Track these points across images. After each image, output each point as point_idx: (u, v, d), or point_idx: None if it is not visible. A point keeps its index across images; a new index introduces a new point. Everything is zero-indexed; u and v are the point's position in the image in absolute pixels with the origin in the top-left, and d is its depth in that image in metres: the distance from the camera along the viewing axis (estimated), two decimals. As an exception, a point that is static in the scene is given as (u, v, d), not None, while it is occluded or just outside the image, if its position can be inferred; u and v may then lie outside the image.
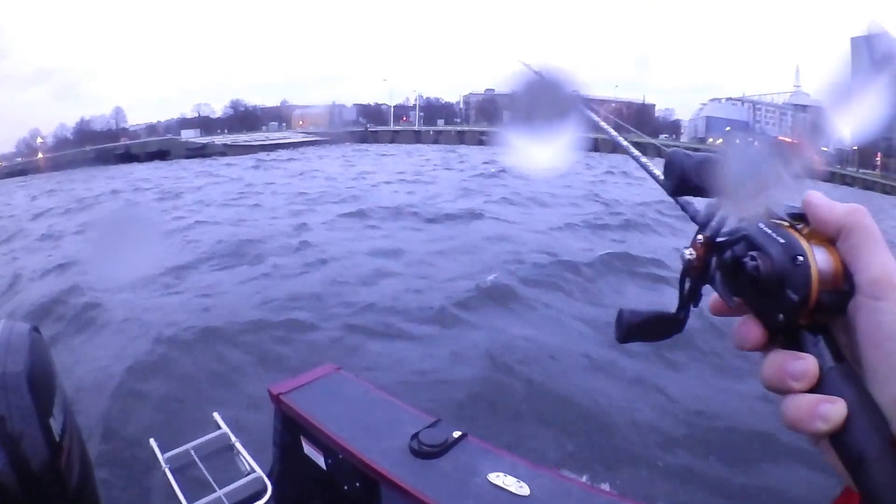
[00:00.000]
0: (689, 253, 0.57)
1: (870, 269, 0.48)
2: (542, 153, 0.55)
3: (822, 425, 0.45)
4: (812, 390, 0.48)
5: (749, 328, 0.53)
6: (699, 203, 0.61)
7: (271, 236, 11.33)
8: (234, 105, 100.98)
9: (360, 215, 13.70)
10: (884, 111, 0.45)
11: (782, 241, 0.50)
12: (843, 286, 0.49)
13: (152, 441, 2.40)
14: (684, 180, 0.54)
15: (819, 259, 0.49)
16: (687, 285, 0.59)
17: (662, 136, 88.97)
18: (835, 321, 0.51)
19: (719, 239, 0.56)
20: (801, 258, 0.49)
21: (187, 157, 42.86)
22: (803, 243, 0.50)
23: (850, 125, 0.46)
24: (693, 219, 0.63)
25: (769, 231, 0.52)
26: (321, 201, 16.31)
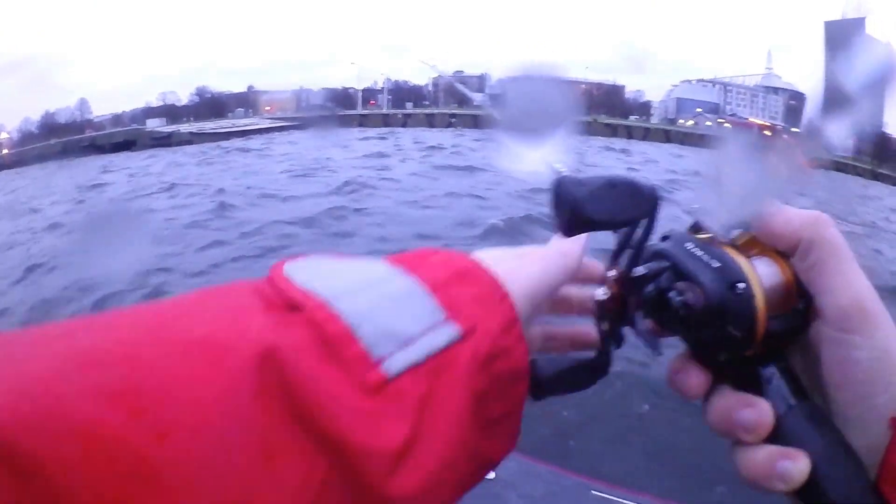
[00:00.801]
0: (603, 293, 0.47)
1: (837, 293, 0.40)
2: (533, 156, 0.51)
3: (781, 485, 0.38)
4: (770, 437, 0.40)
5: (688, 373, 0.45)
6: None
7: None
8: (200, 92, 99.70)
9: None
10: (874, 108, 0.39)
11: (716, 264, 0.42)
12: (797, 304, 0.42)
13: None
14: (578, 215, 0.42)
15: (764, 275, 0.42)
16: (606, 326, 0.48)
17: (633, 118, 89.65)
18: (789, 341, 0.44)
19: (637, 272, 0.46)
20: (741, 285, 0.41)
21: (153, 147, 42.29)
22: (742, 263, 0.42)
23: (847, 127, 0.40)
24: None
25: (699, 252, 0.44)
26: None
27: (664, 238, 0.47)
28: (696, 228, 0.46)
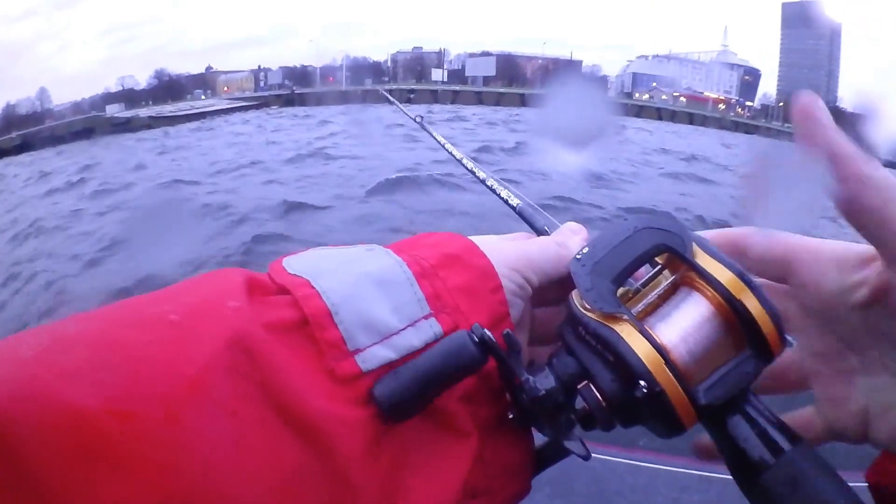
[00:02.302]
0: (511, 415, 0.38)
1: None
2: (569, 157, 0.49)
3: None
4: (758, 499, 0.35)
5: None
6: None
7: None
8: (159, 75, 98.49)
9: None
10: None
11: (610, 357, 0.35)
12: (742, 342, 0.36)
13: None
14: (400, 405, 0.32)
15: (678, 335, 0.35)
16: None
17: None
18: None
19: (533, 392, 0.36)
20: (643, 387, 0.33)
21: (113, 133, 41.75)
22: (637, 346, 0.34)
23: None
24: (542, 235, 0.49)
25: (591, 339, 0.36)
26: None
27: (567, 305, 0.39)
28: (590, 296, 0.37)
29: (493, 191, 0.59)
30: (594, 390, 0.36)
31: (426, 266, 0.37)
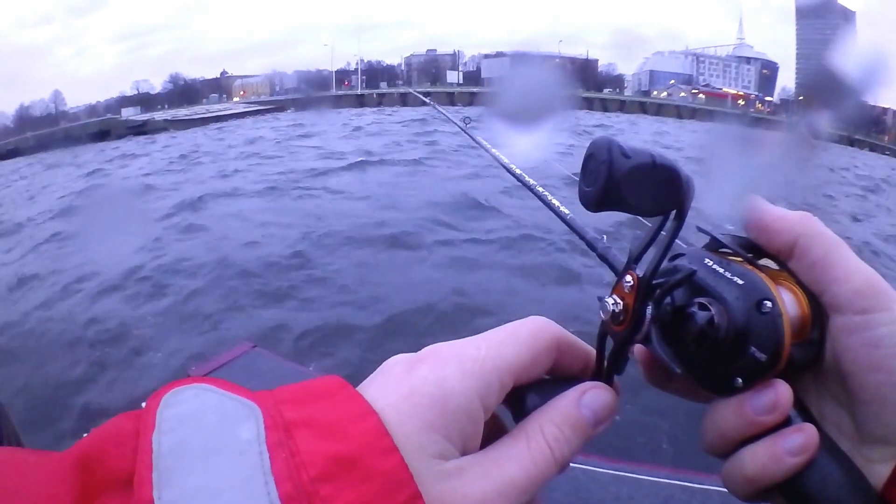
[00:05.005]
0: (613, 302, 0.41)
1: (850, 279, 0.39)
2: (525, 141, 0.49)
3: (793, 459, 0.37)
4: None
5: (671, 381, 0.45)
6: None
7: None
8: (174, 79, 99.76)
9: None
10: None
11: (740, 281, 0.39)
12: (811, 334, 0.39)
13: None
14: (611, 190, 0.36)
15: (787, 300, 0.39)
16: (608, 346, 0.42)
17: (606, 91, 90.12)
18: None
19: (657, 280, 0.40)
20: (768, 304, 0.38)
21: (129, 136, 41.89)
22: (768, 282, 0.39)
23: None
24: (591, 247, 0.53)
25: (719, 268, 0.41)
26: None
27: (676, 257, 0.44)
28: (713, 246, 0.43)
29: (542, 199, 0.58)
30: (715, 303, 0.39)
31: (305, 480, 0.28)
